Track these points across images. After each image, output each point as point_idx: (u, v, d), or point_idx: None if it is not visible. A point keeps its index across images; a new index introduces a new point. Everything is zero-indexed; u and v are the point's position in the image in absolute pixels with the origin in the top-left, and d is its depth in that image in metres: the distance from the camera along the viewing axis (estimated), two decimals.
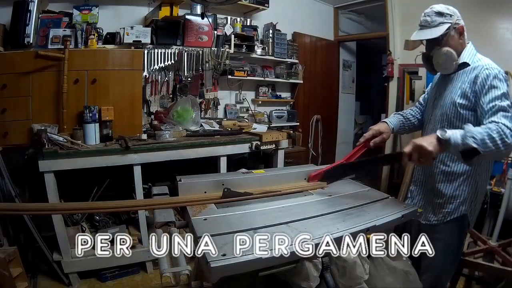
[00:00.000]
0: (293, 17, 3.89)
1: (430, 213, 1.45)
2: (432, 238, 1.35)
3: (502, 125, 1.12)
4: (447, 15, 1.34)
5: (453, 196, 1.38)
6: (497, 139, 1.09)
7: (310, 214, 1.06)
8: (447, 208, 1.39)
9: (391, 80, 3.80)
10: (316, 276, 0.90)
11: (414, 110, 1.67)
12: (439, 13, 1.35)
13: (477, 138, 1.08)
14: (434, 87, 1.55)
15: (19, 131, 2.14)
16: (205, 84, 3.19)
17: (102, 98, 2.33)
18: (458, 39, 1.37)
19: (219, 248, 0.82)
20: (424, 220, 1.46)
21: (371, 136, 1.48)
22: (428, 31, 1.35)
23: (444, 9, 1.35)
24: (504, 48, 2.81)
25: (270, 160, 2.88)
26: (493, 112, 1.19)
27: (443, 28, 1.33)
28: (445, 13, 1.34)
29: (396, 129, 1.58)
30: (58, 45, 2.37)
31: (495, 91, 1.23)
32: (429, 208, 1.47)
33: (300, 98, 4.03)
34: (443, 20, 1.34)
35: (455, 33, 1.36)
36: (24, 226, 2.07)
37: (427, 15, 1.37)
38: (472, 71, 1.33)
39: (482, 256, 1.98)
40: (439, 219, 1.41)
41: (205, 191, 1.25)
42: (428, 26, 1.36)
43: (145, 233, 2.35)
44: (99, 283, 2.27)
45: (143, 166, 2.27)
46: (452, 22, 1.34)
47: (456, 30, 1.36)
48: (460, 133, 1.09)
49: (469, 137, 1.08)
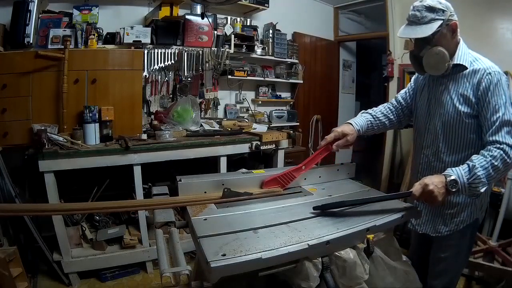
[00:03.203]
0: (293, 17, 3.89)
1: (441, 225, 1.37)
2: (446, 245, 1.37)
3: (505, 146, 1.12)
4: (439, 10, 1.20)
5: (466, 204, 1.32)
6: (501, 166, 1.11)
7: (310, 214, 1.07)
8: (460, 217, 1.33)
9: (391, 80, 3.80)
10: (316, 276, 0.89)
11: (386, 108, 1.54)
12: (431, 8, 1.20)
13: (484, 180, 1.10)
14: (424, 90, 1.43)
15: (19, 131, 2.14)
16: (205, 84, 3.19)
17: (102, 98, 2.33)
18: (450, 37, 1.24)
19: (219, 248, 0.82)
20: (434, 233, 1.39)
21: (333, 139, 1.36)
22: (418, 28, 1.21)
23: (436, 4, 1.20)
24: (504, 48, 2.80)
25: (270, 160, 2.88)
26: (497, 127, 1.16)
27: (434, 25, 1.19)
28: (437, 8, 1.20)
29: (363, 131, 1.44)
30: (58, 45, 2.37)
31: (498, 100, 1.17)
32: (438, 220, 1.38)
33: (300, 98, 4.03)
34: (435, 17, 1.20)
35: (447, 31, 1.23)
36: (24, 226, 2.07)
37: (416, 10, 1.22)
38: (473, 75, 1.23)
39: (482, 256, 1.98)
40: (451, 229, 1.35)
41: (205, 191, 1.25)
42: (417, 22, 1.22)
43: (145, 233, 2.35)
44: (99, 283, 2.27)
45: (143, 166, 2.27)
46: (445, 19, 1.20)
47: (448, 27, 1.22)
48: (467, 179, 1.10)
49: (477, 183, 1.10)
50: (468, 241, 1.40)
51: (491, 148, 1.14)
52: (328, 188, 1.38)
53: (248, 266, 0.80)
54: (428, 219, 1.42)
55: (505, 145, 1.12)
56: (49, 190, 2.03)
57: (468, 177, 1.10)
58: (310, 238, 0.89)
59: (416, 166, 1.50)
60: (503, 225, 2.17)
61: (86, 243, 2.31)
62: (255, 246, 0.84)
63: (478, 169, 1.10)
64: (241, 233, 0.92)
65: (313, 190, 1.34)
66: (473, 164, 1.11)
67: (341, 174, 1.52)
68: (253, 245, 0.84)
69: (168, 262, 0.85)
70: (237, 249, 0.81)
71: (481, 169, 1.10)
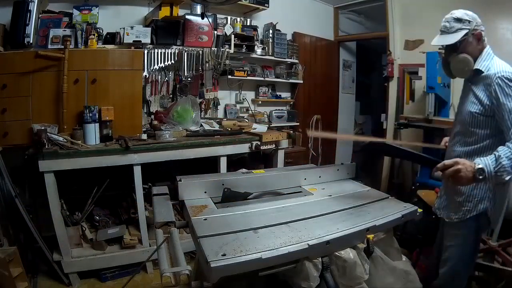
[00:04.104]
0: (293, 17, 3.89)
1: (452, 212, 1.49)
2: (452, 234, 1.48)
3: None
4: (466, 21, 1.38)
5: (471, 194, 1.42)
6: None
7: (310, 214, 1.07)
8: (466, 206, 1.43)
9: (391, 80, 3.80)
10: (316, 276, 0.89)
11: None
12: (458, 19, 1.39)
13: (508, 169, 1.17)
14: (462, 92, 1.59)
15: (19, 131, 2.13)
16: (205, 84, 3.19)
17: (102, 98, 2.33)
18: (476, 45, 1.40)
19: (219, 248, 0.82)
20: (447, 219, 1.51)
21: None
22: (447, 37, 1.40)
23: (463, 15, 1.39)
24: (504, 48, 2.80)
25: (270, 160, 2.88)
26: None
27: (460, 34, 1.37)
28: (464, 19, 1.38)
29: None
30: (58, 45, 2.37)
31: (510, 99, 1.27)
32: (451, 206, 1.50)
33: (300, 98, 4.03)
34: (461, 26, 1.38)
35: (473, 39, 1.39)
36: (24, 226, 2.07)
37: (446, 21, 1.41)
38: (485, 78, 1.36)
39: (482, 256, 1.98)
40: (459, 217, 1.45)
41: (205, 191, 1.25)
42: (447, 32, 1.41)
43: (145, 233, 2.35)
44: (99, 283, 2.27)
45: (143, 166, 2.27)
46: (470, 28, 1.37)
47: (474, 36, 1.39)
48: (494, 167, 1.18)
49: (502, 171, 1.17)
50: (474, 235, 1.46)
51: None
52: (328, 188, 1.38)
53: (248, 266, 0.80)
54: (446, 205, 1.54)
55: None
56: (49, 190, 2.02)
57: (494, 166, 1.18)
58: (310, 238, 0.89)
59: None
60: (503, 225, 2.17)
61: (86, 243, 2.31)
62: (255, 246, 0.84)
63: (503, 159, 1.18)
64: (241, 233, 0.92)
65: (313, 190, 1.35)
66: (499, 155, 1.19)
67: (341, 174, 1.53)
68: (253, 245, 0.84)
69: (168, 262, 0.86)
70: (237, 249, 0.81)
71: (506, 159, 1.17)
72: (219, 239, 0.88)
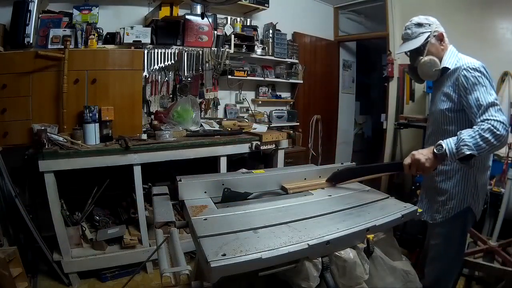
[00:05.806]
0: (293, 17, 3.89)
1: (435, 212, 1.49)
2: (437, 232, 1.48)
3: (493, 121, 1.17)
4: (426, 24, 1.42)
5: (454, 192, 1.43)
6: (490, 137, 1.15)
7: (310, 214, 1.07)
8: (449, 204, 1.43)
9: (391, 80, 3.80)
10: (316, 276, 0.89)
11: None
12: (418, 24, 1.43)
13: (470, 144, 1.15)
14: (431, 95, 1.62)
15: (19, 131, 2.14)
16: (205, 84, 3.19)
17: (102, 98, 2.33)
18: (439, 45, 1.43)
19: (219, 248, 0.82)
20: (431, 220, 1.51)
21: None
22: (410, 43, 1.44)
23: (423, 20, 1.43)
24: (504, 48, 2.80)
25: (270, 160, 2.88)
26: (483, 110, 1.23)
27: (422, 38, 1.41)
28: (424, 23, 1.42)
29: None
30: (58, 45, 2.37)
31: (479, 88, 1.26)
32: (434, 207, 1.50)
33: (300, 98, 4.03)
34: (423, 30, 1.41)
35: (435, 40, 1.42)
36: (24, 226, 2.07)
37: (407, 28, 1.46)
38: (452, 74, 1.38)
39: (482, 256, 1.98)
40: (444, 216, 1.45)
41: (205, 191, 1.25)
42: (409, 38, 1.45)
43: (145, 233, 2.35)
44: (99, 283, 2.27)
45: (143, 166, 2.27)
46: (432, 31, 1.41)
47: (436, 37, 1.42)
48: (454, 144, 1.17)
49: (462, 146, 1.15)
50: (459, 231, 1.46)
51: (479, 123, 1.21)
52: (328, 188, 1.38)
53: (248, 266, 0.80)
54: (428, 207, 1.54)
55: (492, 120, 1.18)
56: (49, 190, 2.03)
57: (455, 142, 1.18)
58: (310, 238, 0.89)
59: None
60: (503, 225, 2.17)
61: (86, 243, 2.31)
62: (255, 246, 0.84)
63: (465, 136, 1.18)
64: (241, 233, 0.92)
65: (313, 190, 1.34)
66: (461, 133, 1.20)
67: None
68: (253, 245, 0.84)
69: (168, 262, 0.86)
70: (237, 249, 0.81)
71: (468, 137, 1.17)
72: (219, 239, 0.87)
